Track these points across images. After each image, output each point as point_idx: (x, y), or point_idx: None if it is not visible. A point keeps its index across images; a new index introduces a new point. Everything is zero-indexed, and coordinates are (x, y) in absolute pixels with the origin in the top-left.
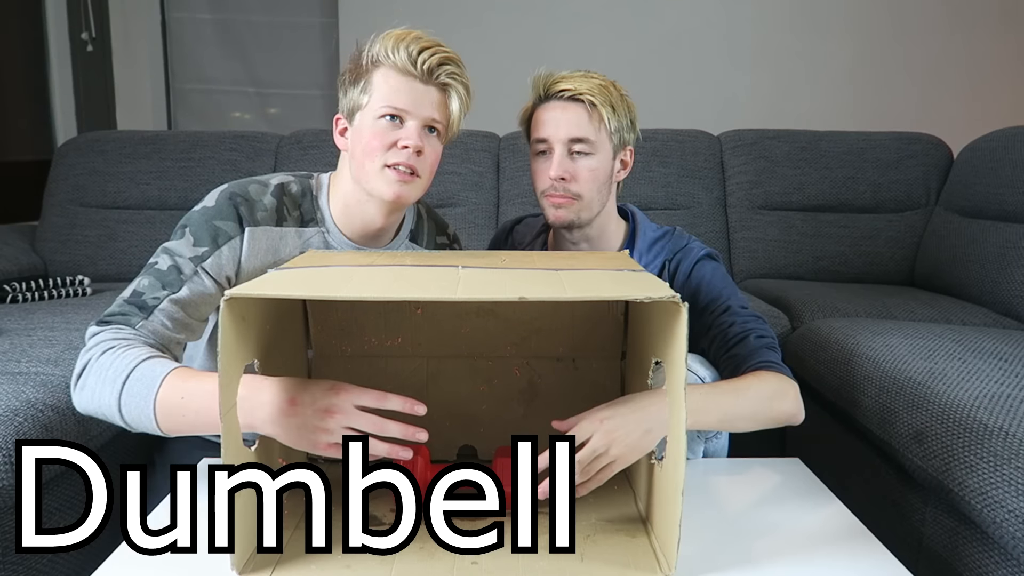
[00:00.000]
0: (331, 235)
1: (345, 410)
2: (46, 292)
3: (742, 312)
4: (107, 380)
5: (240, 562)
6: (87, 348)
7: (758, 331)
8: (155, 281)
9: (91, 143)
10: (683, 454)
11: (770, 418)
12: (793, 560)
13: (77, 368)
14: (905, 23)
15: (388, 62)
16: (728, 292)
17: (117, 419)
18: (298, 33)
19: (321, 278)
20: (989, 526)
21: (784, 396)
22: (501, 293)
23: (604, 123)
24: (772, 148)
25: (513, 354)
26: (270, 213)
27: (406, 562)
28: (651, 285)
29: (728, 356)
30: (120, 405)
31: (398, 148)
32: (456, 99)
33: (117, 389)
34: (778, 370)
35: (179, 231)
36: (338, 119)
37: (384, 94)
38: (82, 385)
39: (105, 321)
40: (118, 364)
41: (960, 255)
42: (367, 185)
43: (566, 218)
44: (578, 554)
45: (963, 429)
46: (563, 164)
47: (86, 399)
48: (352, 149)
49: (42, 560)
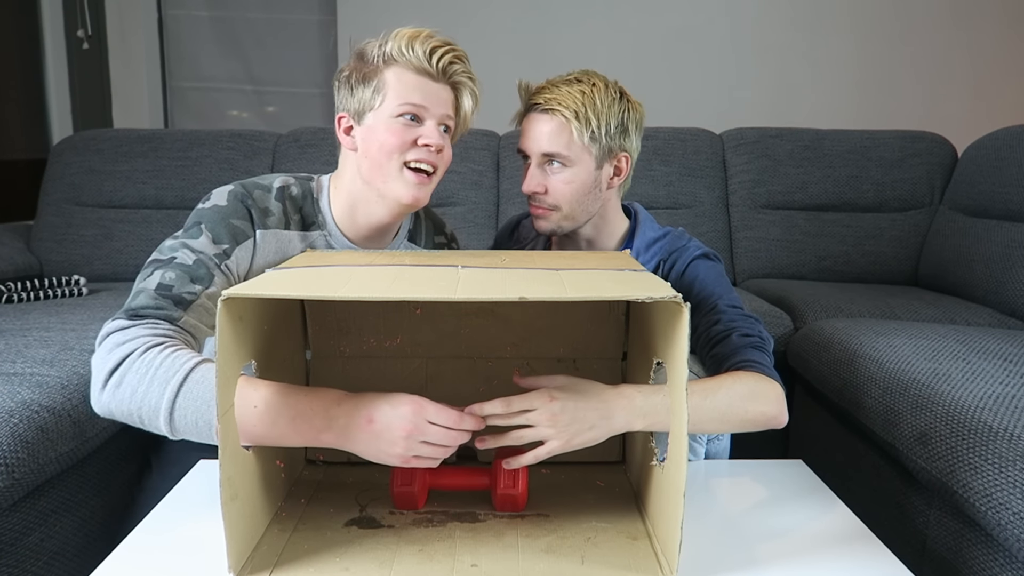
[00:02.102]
0: (333, 238)
1: (422, 428)
2: (42, 292)
3: (729, 311)
4: (156, 380)
5: (237, 564)
6: (119, 343)
7: (742, 329)
8: (183, 274)
9: (87, 141)
10: (684, 456)
11: (744, 420)
12: (796, 562)
13: (107, 364)
14: (909, 20)
15: (403, 60)
16: (719, 291)
17: (159, 422)
18: (296, 31)
19: (319, 278)
20: (994, 528)
21: (760, 397)
22: (501, 293)
23: (580, 135)
24: (775, 147)
25: (513, 355)
26: (278, 216)
27: (405, 564)
28: (652, 285)
29: (711, 356)
30: (173, 408)
31: (418, 146)
32: (469, 98)
33: (172, 391)
34: (759, 370)
35: (193, 228)
36: (342, 118)
37: (400, 93)
38: (117, 383)
39: (137, 315)
40: (170, 364)
41: (964, 255)
42: (383, 186)
43: (547, 228)
44: (579, 556)
45: (967, 431)
46: (535, 178)
47: (122, 398)
48: (366, 148)
49: (40, 560)
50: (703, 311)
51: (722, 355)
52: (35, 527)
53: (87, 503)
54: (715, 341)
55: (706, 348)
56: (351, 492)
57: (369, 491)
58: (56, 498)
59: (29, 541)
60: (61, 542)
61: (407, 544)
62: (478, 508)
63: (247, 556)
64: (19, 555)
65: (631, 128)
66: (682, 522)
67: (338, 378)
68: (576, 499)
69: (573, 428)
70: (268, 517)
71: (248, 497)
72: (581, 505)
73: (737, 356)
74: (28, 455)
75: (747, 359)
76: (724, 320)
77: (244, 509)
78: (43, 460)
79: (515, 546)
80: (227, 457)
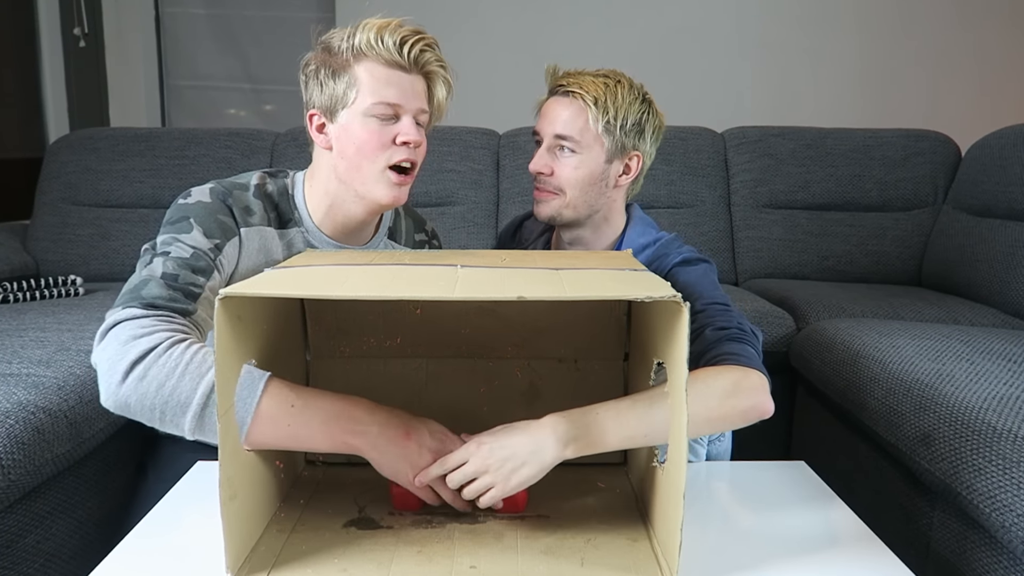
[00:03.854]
0: (311, 234)
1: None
2: (38, 292)
3: (708, 308)
4: (188, 374)
5: (235, 564)
6: (137, 335)
7: (717, 323)
8: (184, 266)
9: (83, 140)
10: (684, 457)
11: (722, 417)
12: (798, 565)
13: (127, 355)
14: (912, 18)
15: (373, 53)
16: (698, 291)
17: (186, 417)
18: (294, 28)
19: (317, 277)
20: (998, 530)
21: (737, 391)
22: (499, 292)
23: (596, 123)
24: (777, 145)
25: (514, 355)
26: (260, 214)
27: (403, 565)
28: (652, 284)
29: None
30: (206, 403)
31: (397, 145)
32: (442, 86)
33: (207, 385)
34: (733, 361)
35: (181, 223)
36: (313, 115)
37: (373, 88)
38: (140, 376)
39: (152, 305)
40: (201, 359)
41: (968, 254)
42: (362, 187)
43: (546, 213)
44: (578, 558)
45: (971, 432)
46: (543, 158)
47: (145, 391)
48: (342, 148)
49: (36, 562)
50: None
51: (696, 353)
52: (31, 529)
53: (83, 505)
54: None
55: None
56: (350, 493)
57: (368, 492)
58: (52, 500)
59: (25, 543)
60: (57, 544)
61: (406, 545)
62: (478, 510)
63: (245, 556)
64: (15, 557)
65: (648, 131)
66: (682, 524)
67: (338, 378)
68: (577, 501)
69: (507, 467)
70: (267, 518)
71: (247, 497)
72: (582, 507)
73: (711, 351)
74: (24, 456)
75: (720, 353)
76: (700, 318)
77: (243, 509)
78: (39, 462)
79: (514, 548)
80: (227, 457)
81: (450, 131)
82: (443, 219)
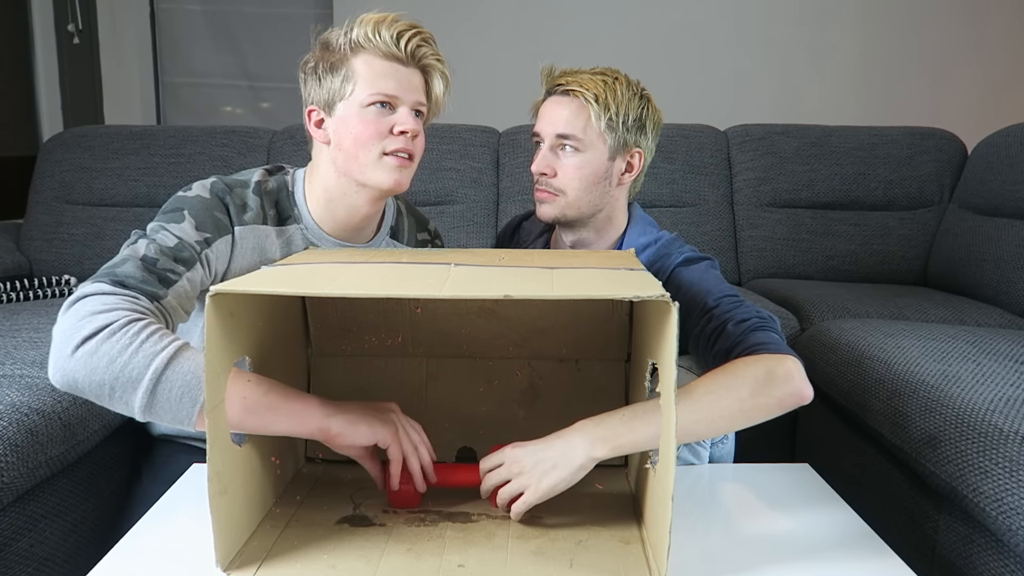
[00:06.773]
0: (310, 231)
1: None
2: (31, 292)
3: (721, 303)
4: (142, 351)
5: (225, 559)
6: (95, 311)
7: (736, 317)
8: (166, 253)
9: (78, 138)
10: (673, 459)
11: (757, 407)
12: (802, 569)
13: (80, 330)
14: (917, 15)
15: (370, 46)
16: (706, 288)
17: (136, 395)
18: (291, 25)
19: (309, 275)
20: (1004, 533)
21: (771, 380)
22: (487, 291)
23: (598, 120)
24: (780, 144)
25: (515, 355)
26: (256, 212)
27: (392, 562)
28: (643, 284)
29: (713, 355)
30: (159, 380)
31: (394, 134)
32: (440, 81)
33: (161, 362)
34: (764, 350)
35: (174, 213)
36: (311, 111)
37: (370, 80)
38: (91, 350)
39: (122, 283)
40: (157, 339)
41: (974, 254)
42: (361, 176)
43: (549, 214)
44: (567, 559)
45: (977, 433)
46: (545, 159)
47: (95, 366)
48: (339, 141)
49: (30, 566)
50: (694, 315)
51: (723, 350)
52: (24, 532)
53: (78, 508)
54: (713, 339)
55: (708, 350)
56: (347, 490)
57: (365, 489)
58: (46, 502)
59: (18, 546)
60: (51, 547)
61: (396, 543)
62: (473, 509)
63: (236, 551)
64: (8, 561)
65: (648, 126)
66: (671, 526)
67: (339, 376)
68: (573, 502)
69: (539, 469)
70: (261, 513)
71: (239, 492)
72: (577, 508)
73: (740, 346)
74: (17, 459)
75: (750, 344)
76: (716, 315)
77: (234, 504)
78: (32, 464)
79: (504, 548)
80: (216, 452)
81: (449, 129)
82: (442, 218)
